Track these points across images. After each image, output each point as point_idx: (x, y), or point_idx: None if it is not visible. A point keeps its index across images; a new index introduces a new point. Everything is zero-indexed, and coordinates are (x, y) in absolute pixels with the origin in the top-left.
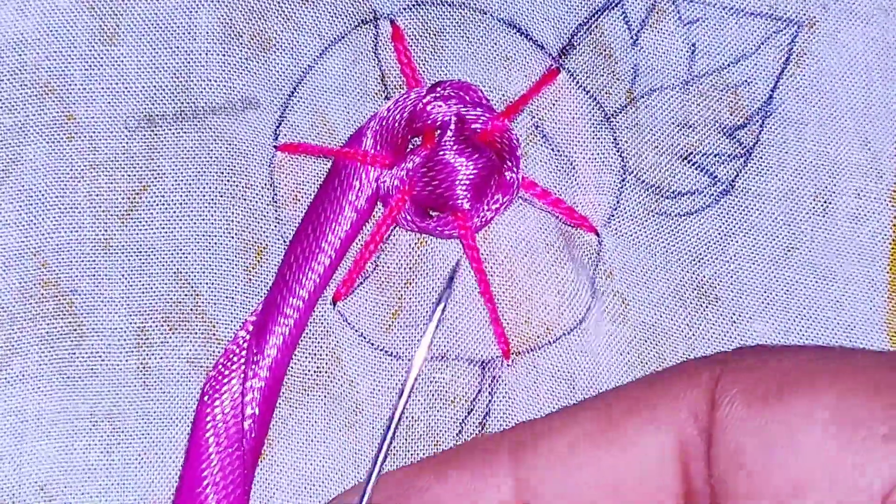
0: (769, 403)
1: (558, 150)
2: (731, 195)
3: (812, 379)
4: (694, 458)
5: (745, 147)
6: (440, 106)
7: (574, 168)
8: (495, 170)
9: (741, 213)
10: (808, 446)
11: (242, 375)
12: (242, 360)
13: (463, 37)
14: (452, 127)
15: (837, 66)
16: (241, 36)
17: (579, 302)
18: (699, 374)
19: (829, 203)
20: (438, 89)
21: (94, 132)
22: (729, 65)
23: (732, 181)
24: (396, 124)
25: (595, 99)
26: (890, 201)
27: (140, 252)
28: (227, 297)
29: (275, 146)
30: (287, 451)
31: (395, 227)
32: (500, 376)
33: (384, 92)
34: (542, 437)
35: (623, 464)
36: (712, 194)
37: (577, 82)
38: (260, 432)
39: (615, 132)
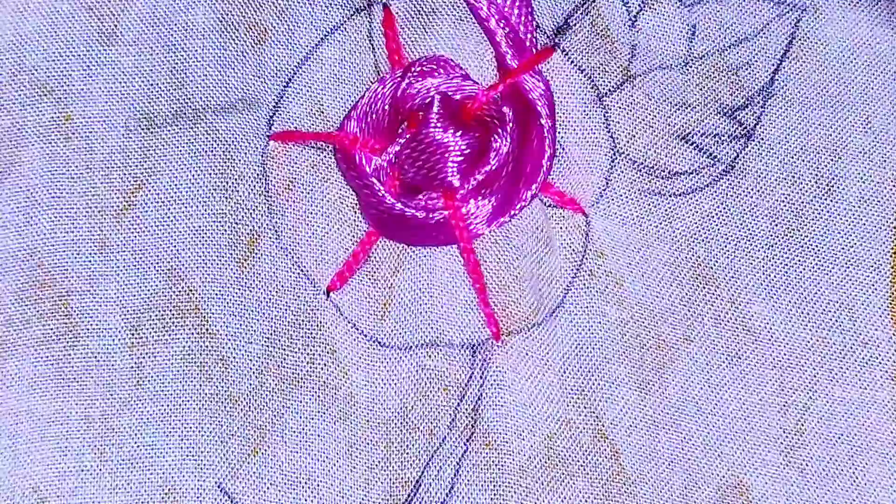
0: None
1: None
2: (731, 175)
3: None
4: None
5: (747, 128)
6: (419, 85)
7: (563, 148)
8: (485, 146)
9: (741, 194)
10: None
11: None
12: None
13: (456, 15)
14: (437, 105)
15: (842, 50)
16: (237, 29)
17: (557, 284)
18: None
19: (832, 186)
20: (413, 69)
21: (91, 132)
22: (730, 46)
23: (733, 161)
24: (380, 112)
25: (589, 77)
26: (894, 186)
27: (134, 251)
28: (219, 292)
29: (267, 136)
30: (281, 443)
31: None
32: (491, 359)
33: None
34: None
35: None
36: (712, 174)
37: (572, 61)
38: None
39: (607, 111)
